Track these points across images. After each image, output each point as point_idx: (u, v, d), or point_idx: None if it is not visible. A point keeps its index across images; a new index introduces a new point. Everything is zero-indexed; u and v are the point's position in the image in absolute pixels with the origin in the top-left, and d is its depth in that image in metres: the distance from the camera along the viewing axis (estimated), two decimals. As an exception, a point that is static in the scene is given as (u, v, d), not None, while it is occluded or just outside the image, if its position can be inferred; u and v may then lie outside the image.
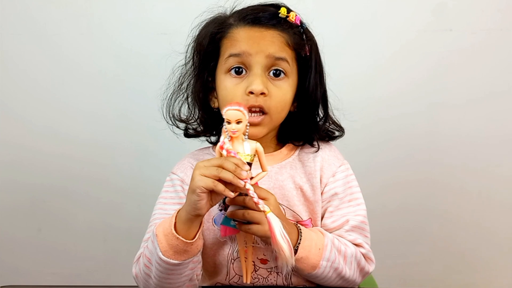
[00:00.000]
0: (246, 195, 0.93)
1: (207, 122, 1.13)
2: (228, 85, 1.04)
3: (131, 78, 1.77)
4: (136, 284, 1.05)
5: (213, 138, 1.16)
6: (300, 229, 1.00)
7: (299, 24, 1.09)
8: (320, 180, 1.09)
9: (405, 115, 1.79)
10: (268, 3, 1.11)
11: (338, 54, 1.71)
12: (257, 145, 0.93)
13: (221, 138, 0.92)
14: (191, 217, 0.93)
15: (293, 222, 1.03)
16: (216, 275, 1.10)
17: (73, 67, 1.78)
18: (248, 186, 0.89)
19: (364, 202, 1.11)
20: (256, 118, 1.02)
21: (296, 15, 1.08)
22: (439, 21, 1.76)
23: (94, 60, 1.77)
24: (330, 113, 1.14)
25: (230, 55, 1.04)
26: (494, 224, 1.83)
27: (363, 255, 1.07)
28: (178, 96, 1.14)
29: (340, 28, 1.75)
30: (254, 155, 0.93)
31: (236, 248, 1.06)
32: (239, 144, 0.91)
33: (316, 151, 1.12)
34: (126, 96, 1.78)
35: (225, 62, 1.05)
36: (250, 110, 1.02)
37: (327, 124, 1.14)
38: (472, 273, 1.85)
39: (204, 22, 1.12)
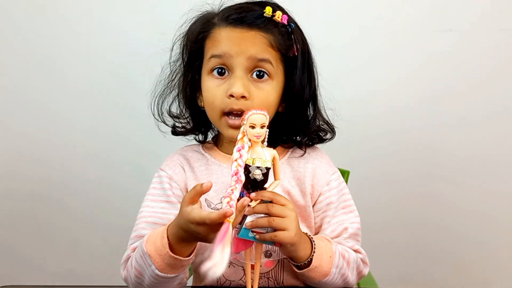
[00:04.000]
0: (269, 202, 0.92)
1: (195, 120, 1.12)
2: (210, 86, 1.04)
3: (132, 78, 1.77)
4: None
5: (201, 137, 1.16)
6: (312, 239, 1.00)
7: (286, 24, 1.05)
8: (312, 187, 1.09)
9: (405, 115, 1.79)
10: (256, 0, 1.08)
11: (336, 55, 1.72)
12: (275, 153, 0.92)
13: (238, 143, 0.89)
14: (191, 242, 0.93)
15: (304, 232, 1.01)
16: (205, 277, 1.09)
17: (73, 67, 1.78)
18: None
19: (359, 206, 1.11)
20: (238, 121, 1.00)
21: (282, 14, 1.05)
22: (439, 21, 1.76)
23: (94, 60, 1.77)
24: (323, 113, 1.12)
25: (212, 56, 1.03)
26: (495, 224, 1.83)
27: (361, 260, 1.08)
28: (170, 92, 1.12)
29: (340, 28, 1.75)
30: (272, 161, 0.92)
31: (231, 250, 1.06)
32: (260, 150, 0.90)
33: (303, 155, 1.11)
34: (126, 95, 1.78)
35: (208, 63, 1.04)
36: (231, 113, 1.02)
37: (317, 123, 1.11)
38: (473, 274, 1.86)
39: (193, 19, 1.10)
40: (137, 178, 1.78)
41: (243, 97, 1.00)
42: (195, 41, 1.07)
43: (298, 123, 1.10)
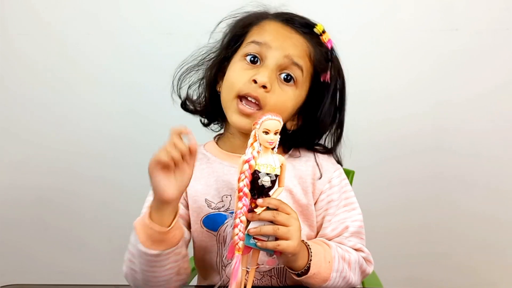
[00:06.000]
0: (274, 209, 0.91)
1: (208, 105, 1.12)
2: (237, 68, 1.04)
3: (138, 78, 1.77)
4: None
5: (206, 121, 1.16)
6: (309, 246, 0.99)
7: (329, 48, 1.07)
8: (313, 185, 1.08)
9: (412, 115, 1.79)
10: (310, 19, 1.10)
11: (344, 53, 1.71)
12: (284, 160, 0.91)
13: (248, 151, 0.88)
14: (160, 205, 0.91)
15: (302, 240, 1.00)
16: (210, 277, 1.09)
17: (80, 67, 1.78)
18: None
19: (363, 205, 1.10)
20: (248, 109, 1.01)
21: (329, 39, 1.07)
22: (445, 21, 1.75)
23: (101, 60, 1.78)
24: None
25: (252, 41, 1.04)
26: (503, 224, 1.83)
27: (364, 258, 1.08)
28: (194, 70, 1.12)
29: (347, 27, 1.75)
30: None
31: (225, 256, 1.04)
32: (270, 157, 0.89)
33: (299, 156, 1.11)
34: (132, 96, 1.78)
35: (245, 46, 1.05)
36: (246, 97, 1.01)
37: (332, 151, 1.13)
38: (478, 274, 1.85)
39: (243, 14, 1.12)
40: (142, 178, 1.77)
41: (264, 87, 1.00)
42: (243, 26, 1.08)
43: (309, 143, 1.11)
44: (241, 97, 1.02)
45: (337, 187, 1.09)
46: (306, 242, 1.00)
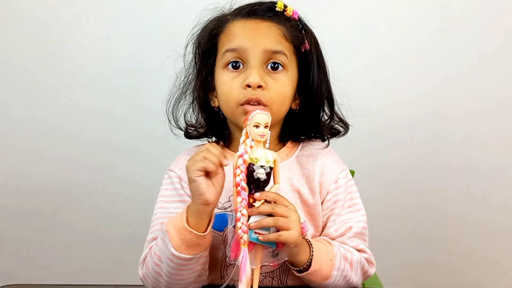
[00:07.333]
0: (273, 202, 0.92)
1: (209, 123, 1.12)
2: (225, 80, 1.04)
3: (137, 80, 1.77)
4: (142, 284, 1.05)
5: (214, 139, 1.15)
6: (310, 243, 0.99)
7: (297, 19, 1.08)
8: (320, 185, 1.08)
9: (410, 115, 1.79)
10: (265, 0, 1.10)
11: (343, 54, 1.72)
12: (276, 156, 0.92)
13: (241, 147, 0.90)
14: (200, 208, 0.93)
15: (302, 236, 1.00)
16: (210, 275, 1.09)
17: (78, 69, 1.78)
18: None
19: (364, 206, 1.10)
20: (257, 107, 1.00)
21: (293, 10, 1.07)
22: (444, 21, 1.76)
23: (99, 62, 1.78)
24: (337, 111, 1.12)
25: (227, 50, 1.04)
26: (500, 225, 1.83)
27: (366, 259, 1.08)
28: (185, 97, 1.12)
29: (345, 29, 1.75)
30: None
31: (229, 256, 1.03)
32: (262, 151, 0.91)
33: (321, 148, 1.11)
34: (131, 100, 1.79)
35: (222, 57, 1.04)
36: (249, 104, 1.01)
37: (333, 122, 1.12)
38: (478, 274, 1.85)
39: (203, 24, 1.11)
40: (141, 181, 1.79)
41: (259, 87, 1.00)
42: (209, 39, 1.08)
43: (314, 120, 1.10)
44: (243, 104, 1.02)
45: (343, 188, 1.09)
46: (308, 239, 1.00)
